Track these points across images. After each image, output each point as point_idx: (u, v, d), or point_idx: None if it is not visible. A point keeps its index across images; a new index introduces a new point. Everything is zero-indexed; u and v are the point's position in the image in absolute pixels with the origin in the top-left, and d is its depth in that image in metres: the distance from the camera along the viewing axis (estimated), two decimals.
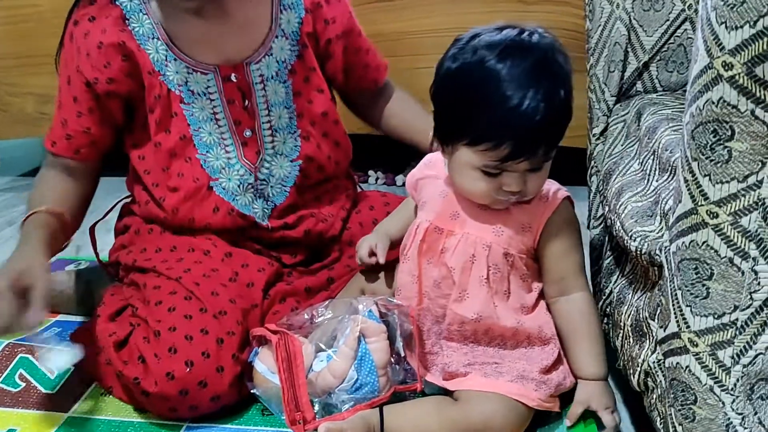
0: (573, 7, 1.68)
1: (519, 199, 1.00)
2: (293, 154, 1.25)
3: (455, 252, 1.02)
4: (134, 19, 1.17)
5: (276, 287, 1.21)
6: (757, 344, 0.71)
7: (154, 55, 1.17)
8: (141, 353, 1.06)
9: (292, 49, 1.23)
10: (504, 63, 0.92)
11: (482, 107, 0.93)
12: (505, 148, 0.93)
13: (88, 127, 1.20)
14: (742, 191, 0.68)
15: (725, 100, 0.66)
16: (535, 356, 1.04)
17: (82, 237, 1.72)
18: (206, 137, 1.20)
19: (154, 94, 1.18)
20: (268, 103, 1.22)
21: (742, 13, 0.63)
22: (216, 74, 1.19)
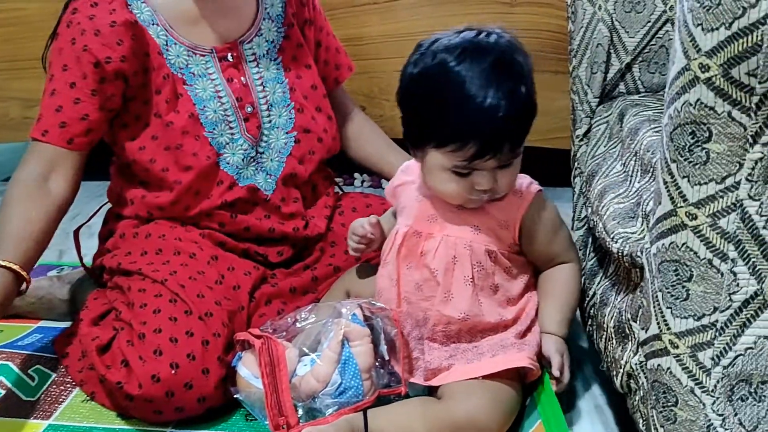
0: (556, 9, 1.68)
1: (492, 197, 1.01)
2: (288, 125, 1.29)
3: (437, 254, 1.03)
4: (134, 6, 1.20)
5: (261, 289, 1.21)
6: (737, 345, 0.71)
7: (156, 39, 1.21)
8: (125, 357, 1.05)
9: (278, 30, 1.30)
10: (463, 65, 0.94)
11: (445, 109, 0.95)
12: (470, 147, 0.94)
13: (86, 113, 1.17)
14: (720, 193, 0.68)
15: (702, 102, 0.66)
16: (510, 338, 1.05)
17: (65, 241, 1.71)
18: (211, 115, 1.23)
19: (163, 74, 1.21)
20: (262, 80, 1.28)
21: (717, 15, 0.63)
22: (213, 56, 1.24)
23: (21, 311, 1.35)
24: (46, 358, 1.23)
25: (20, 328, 1.33)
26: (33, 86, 1.95)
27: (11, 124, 2.01)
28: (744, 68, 0.63)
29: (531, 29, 1.72)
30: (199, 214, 1.24)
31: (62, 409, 1.11)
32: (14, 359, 1.22)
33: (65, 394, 1.14)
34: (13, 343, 1.28)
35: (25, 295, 1.33)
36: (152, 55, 1.21)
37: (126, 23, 1.17)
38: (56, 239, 1.76)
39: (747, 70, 0.63)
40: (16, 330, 1.32)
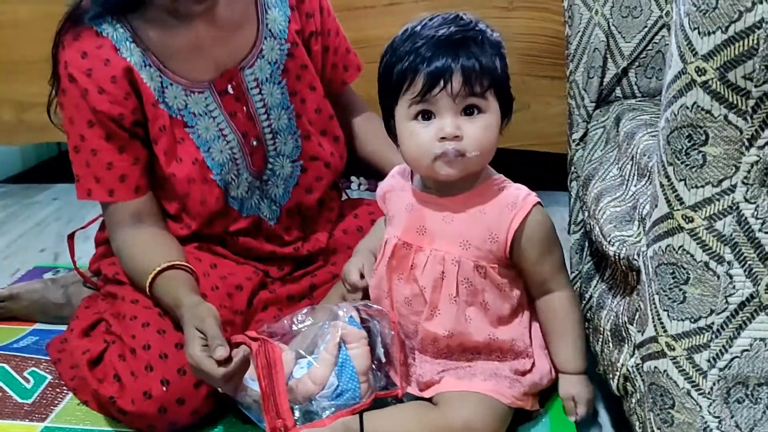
0: (553, 14, 1.69)
1: (461, 151, 0.95)
2: (294, 154, 1.24)
3: (425, 270, 1.02)
4: (124, 49, 1.12)
5: (259, 296, 1.20)
6: (733, 348, 0.71)
7: (150, 83, 1.13)
8: (116, 372, 1.05)
9: (281, 48, 1.21)
10: (424, 22, 0.98)
11: (399, 61, 0.97)
12: (419, 78, 0.94)
13: (135, 156, 1.14)
14: (717, 195, 0.68)
15: (699, 105, 0.67)
16: (507, 364, 1.04)
17: (60, 244, 1.72)
18: (218, 156, 1.17)
19: (158, 126, 1.14)
20: (267, 107, 1.21)
21: (714, 18, 0.64)
22: (212, 90, 1.17)
23: (16, 314, 1.35)
24: (42, 360, 1.22)
25: (16, 331, 1.32)
26: (27, 89, 1.95)
27: (5, 127, 2.00)
28: (740, 72, 0.64)
29: (528, 33, 1.73)
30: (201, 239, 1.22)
31: (58, 411, 1.11)
32: (10, 361, 1.22)
33: (61, 396, 1.14)
34: (8, 345, 1.28)
35: (19, 297, 1.34)
36: (146, 107, 1.14)
37: (124, 74, 1.11)
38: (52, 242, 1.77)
39: (743, 73, 0.63)
40: (11, 332, 1.32)
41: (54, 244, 1.73)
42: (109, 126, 1.12)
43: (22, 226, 1.88)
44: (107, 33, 1.12)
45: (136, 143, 1.15)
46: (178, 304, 1.04)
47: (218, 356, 0.94)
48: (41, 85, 1.90)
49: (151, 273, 1.08)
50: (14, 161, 2.33)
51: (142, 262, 1.11)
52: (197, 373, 0.97)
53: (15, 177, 2.28)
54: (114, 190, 1.14)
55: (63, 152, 2.45)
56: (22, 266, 1.62)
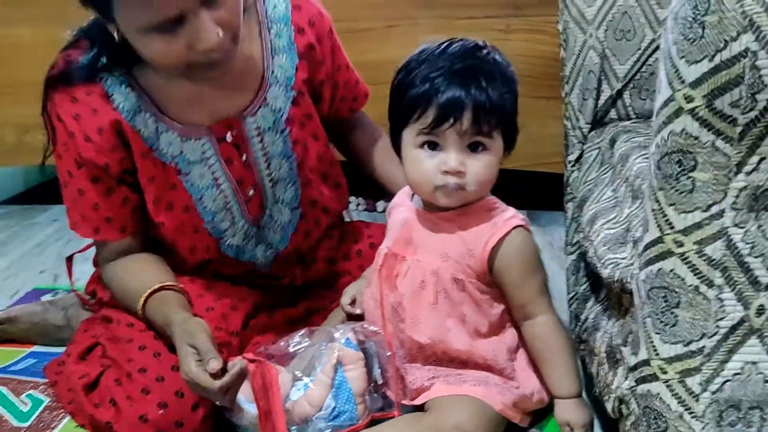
0: (549, 36, 1.71)
1: (461, 184, 0.98)
2: (294, 201, 1.21)
3: (405, 278, 1.04)
4: (117, 94, 1.07)
5: (256, 319, 1.20)
6: (725, 371, 0.72)
7: (143, 130, 1.09)
8: (113, 396, 1.04)
9: (287, 95, 1.15)
10: (431, 54, 0.99)
11: (411, 87, 0.99)
12: (430, 110, 0.96)
13: (123, 197, 1.12)
14: (706, 220, 0.69)
15: (688, 132, 0.68)
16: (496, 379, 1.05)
17: (60, 266, 1.72)
18: (210, 204, 1.14)
19: (147, 176, 1.11)
20: (267, 156, 1.16)
21: (701, 47, 0.65)
22: (210, 137, 1.12)
23: (14, 336, 1.35)
24: (40, 383, 1.22)
25: (14, 353, 1.32)
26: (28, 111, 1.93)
27: (6, 149, 2.02)
28: (727, 99, 0.65)
29: (525, 55, 1.74)
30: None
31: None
32: (7, 384, 1.22)
33: (58, 419, 1.14)
34: (6, 367, 1.27)
35: (17, 320, 1.34)
36: (135, 157, 1.10)
37: (111, 126, 1.07)
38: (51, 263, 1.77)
39: (730, 101, 0.64)
40: (9, 354, 1.32)
41: (54, 266, 1.74)
42: (95, 171, 1.09)
43: (23, 247, 1.88)
44: (101, 77, 1.08)
45: (124, 188, 1.12)
46: (168, 322, 1.04)
47: (211, 369, 0.94)
48: None
49: (143, 296, 1.09)
50: (15, 182, 2.34)
51: (133, 288, 1.11)
52: (194, 388, 0.97)
53: (16, 198, 2.29)
54: (99, 228, 1.13)
55: None
56: (21, 288, 1.62)
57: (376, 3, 1.80)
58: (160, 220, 1.14)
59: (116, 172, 1.10)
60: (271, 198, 1.19)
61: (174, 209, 1.14)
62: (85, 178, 1.10)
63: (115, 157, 1.09)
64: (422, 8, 1.79)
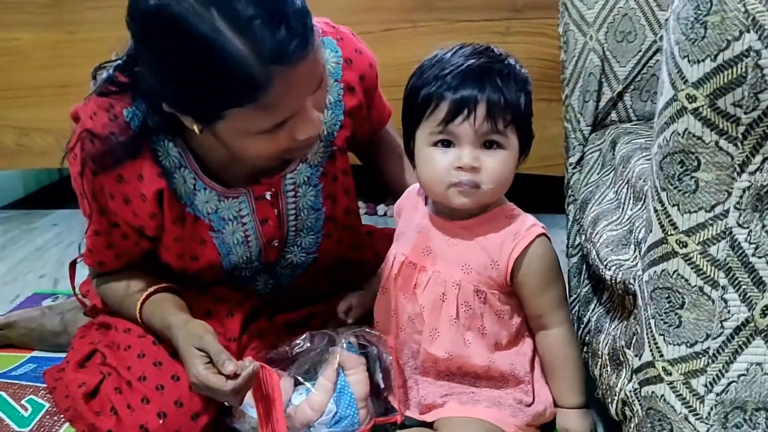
0: (548, 38, 1.71)
1: (476, 182, 0.96)
2: (311, 248, 1.20)
3: (426, 290, 1.02)
4: (161, 150, 1.03)
5: (256, 323, 1.19)
6: (730, 372, 0.71)
7: (181, 186, 1.05)
8: (113, 405, 1.04)
9: (326, 152, 1.13)
10: (452, 52, 0.99)
11: (425, 85, 0.97)
12: (443, 105, 0.95)
13: (136, 241, 1.09)
14: (710, 221, 0.69)
15: (690, 132, 0.67)
16: (510, 392, 1.04)
17: (60, 270, 1.72)
18: (235, 259, 1.14)
19: (174, 237, 1.08)
20: (297, 208, 1.14)
21: (703, 47, 0.64)
22: (249, 196, 1.10)
23: (14, 341, 1.34)
24: (40, 388, 1.22)
25: (13, 358, 1.32)
26: (27, 115, 1.97)
27: (5, 152, 2.02)
28: (730, 99, 0.64)
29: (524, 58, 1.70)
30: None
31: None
32: (7, 389, 1.22)
33: (58, 424, 1.13)
34: (6, 373, 1.27)
35: (16, 325, 1.34)
36: (166, 222, 1.06)
37: (155, 196, 1.03)
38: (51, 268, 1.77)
39: (732, 100, 0.64)
40: (9, 360, 1.32)
41: (54, 270, 1.73)
42: (123, 227, 1.07)
43: (23, 252, 1.88)
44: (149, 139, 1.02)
45: (144, 240, 1.10)
46: (167, 324, 1.03)
47: (229, 371, 0.93)
48: (42, 111, 1.95)
49: (139, 300, 1.08)
50: (15, 187, 2.34)
51: (128, 294, 1.11)
52: (203, 390, 0.96)
53: (16, 203, 2.29)
54: (104, 263, 1.13)
55: (64, 178, 2.46)
56: (21, 292, 1.62)
57: (374, 6, 1.80)
58: (181, 266, 1.12)
59: (149, 234, 1.08)
60: (291, 243, 1.18)
61: (198, 262, 1.12)
62: (105, 224, 1.07)
63: (152, 224, 1.06)
64: (421, 11, 1.79)
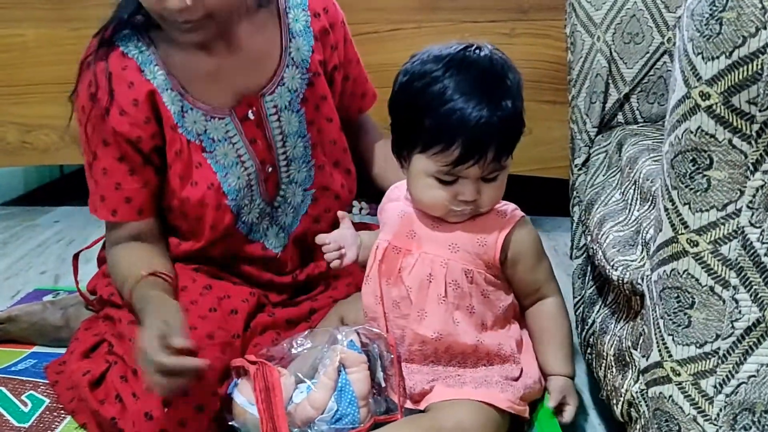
0: (554, 40, 1.71)
1: (474, 211, 1.01)
2: (307, 183, 1.24)
3: (412, 271, 1.03)
4: (148, 72, 1.13)
5: (257, 319, 1.19)
6: (740, 373, 0.71)
7: (171, 107, 1.13)
8: (118, 392, 1.04)
9: (302, 77, 1.21)
10: (448, 73, 0.96)
11: (429, 113, 0.97)
12: (454, 149, 0.95)
13: (145, 180, 1.15)
14: (722, 220, 0.68)
15: (703, 130, 0.67)
16: (496, 370, 1.05)
17: (61, 266, 1.71)
18: (234, 181, 1.17)
19: (174, 150, 1.14)
20: (284, 134, 1.20)
21: (718, 44, 0.64)
22: (233, 117, 1.17)
23: (15, 336, 1.34)
24: (40, 383, 1.21)
25: (14, 353, 1.31)
26: (30, 111, 1.96)
27: (8, 148, 2.01)
28: (744, 96, 0.64)
29: (529, 60, 1.74)
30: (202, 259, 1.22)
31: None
32: (7, 384, 1.21)
33: (58, 420, 1.13)
34: (6, 368, 1.26)
35: (18, 320, 1.33)
36: (165, 129, 1.14)
37: (146, 98, 1.11)
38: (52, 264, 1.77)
39: (747, 98, 0.64)
40: (9, 355, 1.31)
41: (55, 267, 1.73)
42: (123, 147, 1.12)
43: (24, 248, 1.87)
44: (133, 54, 1.13)
45: (149, 168, 1.15)
46: (147, 299, 1.04)
47: (176, 344, 0.91)
48: (45, 107, 1.95)
49: (133, 282, 1.09)
50: (17, 184, 2.34)
51: (129, 274, 1.12)
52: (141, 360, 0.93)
53: (17, 199, 2.28)
54: (117, 210, 1.15)
55: (65, 175, 2.46)
56: (23, 288, 1.61)
57: (381, 6, 1.80)
58: (186, 195, 1.16)
59: (147, 147, 1.13)
60: (285, 178, 1.22)
61: (198, 185, 1.16)
62: (112, 158, 1.13)
63: (148, 130, 1.12)
64: (427, 12, 1.78)
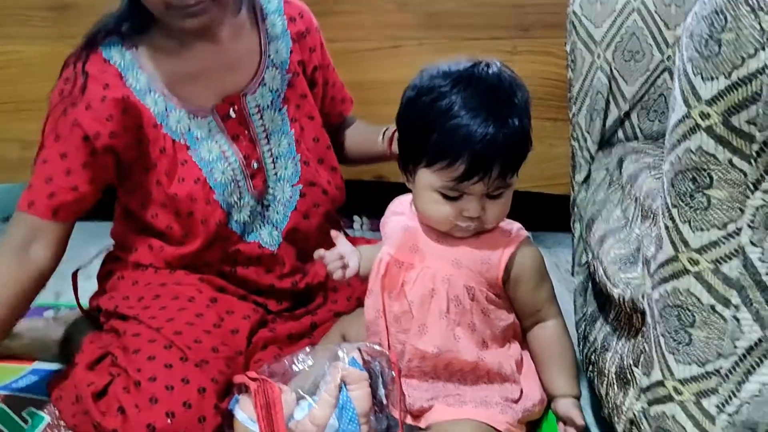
0: (555, 58, 1.71)
1: (479, 227, 1.01)
2: (294, 178, 1.27)
3: (415, 286, 1.03)
4: (130, 76, 1.17)
5: (258, 334, 1.20)
6: (742, 392, 0.71)
7: (153, 108, 1.18)
8: (121, 404, 1.03)
9: (282, 77, 1.26)
10: (456, 88, 0.97)
11: (436, 128, 0.97)
12: (459, 165, 0.95)
13: (76, 185, 1.14)
14: (722, 239, 0.68)
15: (703, 149, 0.67)
16: (496, 390, 1.05)
17: (62, 283, 1.70)
18: (219, 176, 1.20)
19: (158, 147, 1.18)
20: (267, 132, 1.25)
21: (717, 64, 0.64)
22: (215, 115, 1.21)
23: (16, 352, 1.33)
24: (40, 400, 1.21)
25: (15, 370, 1.31)
26: (31, 128, 1.92)
27: (9, 165, 2.02)
28: (744, 116, 0.64)
29: (530, 77, 1.73)
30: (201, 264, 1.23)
31: None
32: (8, 401, 1.21)
33: None
34: (7, 384, 1.26)
35: (20, 335, 1.33)
36: (146, 129, 1.17)
37: (117, 99, 1.14)
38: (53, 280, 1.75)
39: (747, 118, 0.64)
40: (10, 371, 1.30)
41: (56, 282, 1.70)
42: (73, 144, 1.13)
43: None
44: (114, 60, 1.17)
45: (86, 173, 1.14)
46: None
47: None
48: None
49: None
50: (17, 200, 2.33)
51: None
52: None
53: None
54: (35, 201, 1.14)
55: None
56: None
57: (382, 23, 1.80)
58: (173, 191, 1.18)
59: (101, 144, 1.14)
60: (273, 175, 1.26)
61: (185, 181, 1.19)
62: (56, 152, 1.14)
63: (108, 126, 1.14)
64: (429, 29, 1.79)
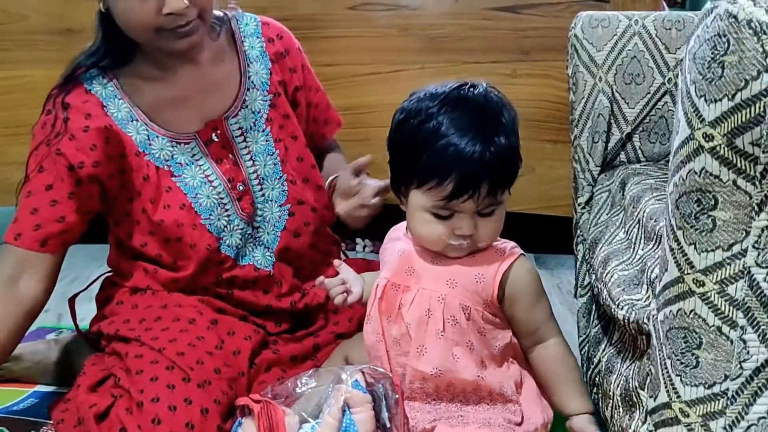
0: (555, 80, 1.73)
1: (472, 246, 1.01)
2: (281, 198, 1.28)
3: (411, 307, 1.03)
4: (112, 105, 1.19)
5: (261, 356, 1.19)
6: (749, 415, 0.70)
7: (135, 136, 1.19)
8: (123, 425, 1.03)
9: (264, 99, 1.28)
10: (444, 109, 0.98)
11: (424, 149, 0.98)
12: (448, 184, 0.96)
13: (62, 215, 1.15)
14: (728, 260, 0.68)
15: (707, 171, 0.67)
16: (498, 411, 1.04)
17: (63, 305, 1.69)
18: (205, 201, 1.21)
19: (142, 175, 1.19)
20: (252, 154, 1.26)
21: (720, 86, 0.65)
22: (197, 141, 1.22)
23: (17, 375, 1.33)
24: (42, 423, 1.20)
25: (16, 393, 1.30)
26: None
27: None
28: (748, 138, 0.64)
29: (531, 99, 1.76)
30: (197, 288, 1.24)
31: None
32: (9, 425, 1.20)
33: None
34: (8, 408, 1.25)
35: (21, 358, 1.33)
36: (129, 157, 1.19)
37: (100, 130, 1.15)
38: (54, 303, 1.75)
39: (751, 139, 0.64)
40: (11, 394, 1.30)
41: (57, 305, 1.71)
42: (58, 174, 1.14)
43: None
44: (96, 91, 1.19)
45: (72, 203, 1.15)
46: None
47: None
48: None
49: None
50: None
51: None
52: None
53: None
54: (22, 234, 1.15)
55: None
56: None
57: (383, 47, 1.82)
58: (159, 218, 1.19)
59: (86, 174, 1.15)
60: (260, 197, 1.27)
61: (171, 208, 1.20)
62: (41, 183, 1.15)
63: (92, 155, 1.15)
64: (429, 53, 1.81)
